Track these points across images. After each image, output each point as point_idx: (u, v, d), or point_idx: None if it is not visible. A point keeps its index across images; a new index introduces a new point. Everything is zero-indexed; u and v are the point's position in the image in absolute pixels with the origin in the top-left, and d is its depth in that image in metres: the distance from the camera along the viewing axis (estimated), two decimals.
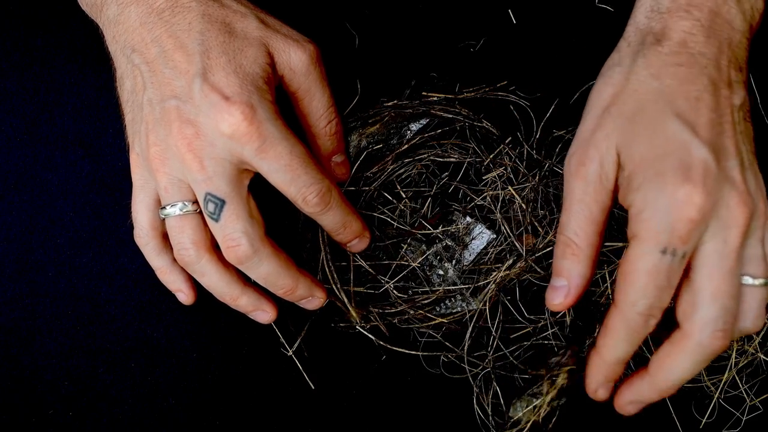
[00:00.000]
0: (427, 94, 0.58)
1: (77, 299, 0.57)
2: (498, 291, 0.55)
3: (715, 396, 0.55)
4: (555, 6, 0.60)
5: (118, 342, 0.56)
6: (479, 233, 0.56)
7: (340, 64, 0.56)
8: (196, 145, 0.47)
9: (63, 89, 0.60)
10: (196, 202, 0.49)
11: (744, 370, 0.56)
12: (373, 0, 0.60)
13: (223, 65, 0.47)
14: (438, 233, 0.57)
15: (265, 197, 0.50)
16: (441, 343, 0.56)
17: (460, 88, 0.58)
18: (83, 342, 0.56)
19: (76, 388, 0.56)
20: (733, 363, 0.55)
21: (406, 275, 0.57)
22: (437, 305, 0.56)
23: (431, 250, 0.57)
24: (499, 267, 0.55)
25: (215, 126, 0.46)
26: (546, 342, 0.56)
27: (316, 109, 0.53)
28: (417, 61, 0.59)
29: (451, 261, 0.56)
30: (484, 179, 0.57)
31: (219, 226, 0.48)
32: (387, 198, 0.57)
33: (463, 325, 0.56)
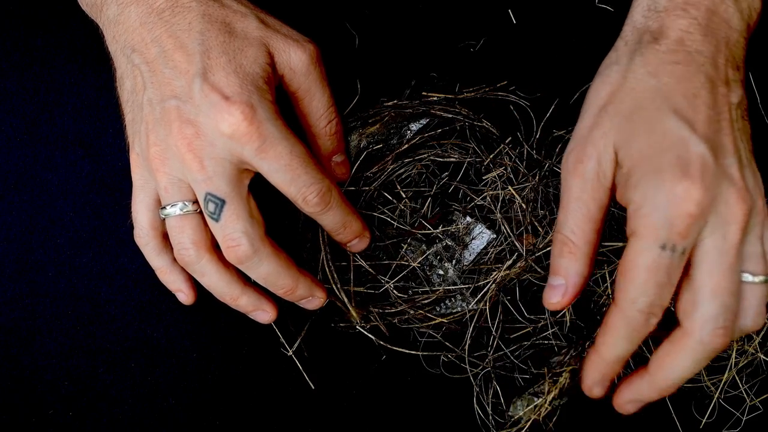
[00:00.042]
0: (427, 94, 0.58)
1: (77, 299, 0.57)
2: (498, 291, 0.55)
3: (715, 396, 0.55)
4: (555, 6, 0.60)
5: (118, 342, 0.56)
6: (479, 233, 0.56)
7: (340, 64, 0.56)
8: (196, 145, 0.47)
9: (63, 89, 0.60)
10: (196, 202, 0.49)
11: (744, 370, 0.56)
12: (373, 0, 0.61)
13: (223, 65, 0.47)
14: (438, 233, 0.57)
15: (265, 197, 0.50)
16: (441, 343, 0.56)
17: (460, 88, 0.58)
18: (83, 342, 0.56)
19: (76, 388, 0.56)
20: (733, 363, 0.55)
21: (406, 275, 0.56)
22: (437, 305, 0.56)
23: (431, 250, 0.57)
24: (499, 267, 0.55)
25: (215, 126, 0.46)
26: (546, 342, 0.56)
27: (316, 109, 0.53)
28: (417, 61, 0.59)
29: (451, 261, 0.56)
30: (484, 179, 0.57)
31: (219, 226, 0.48)
32: (387, 198, 0.57)
33: (463, 325, 0.56)
